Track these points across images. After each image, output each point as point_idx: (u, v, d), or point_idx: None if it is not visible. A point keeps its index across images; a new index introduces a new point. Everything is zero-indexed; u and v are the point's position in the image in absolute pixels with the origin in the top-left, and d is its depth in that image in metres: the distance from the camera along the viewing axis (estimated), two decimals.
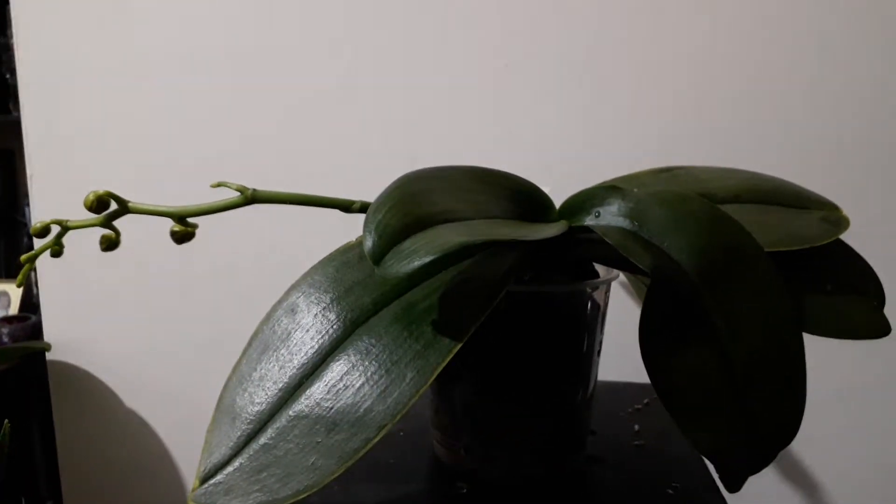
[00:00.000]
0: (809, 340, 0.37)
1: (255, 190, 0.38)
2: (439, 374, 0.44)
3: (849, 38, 0.68)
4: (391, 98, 0.73)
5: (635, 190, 0.39)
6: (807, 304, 0.38)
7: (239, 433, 0.33)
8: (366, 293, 0.34)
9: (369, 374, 0.32)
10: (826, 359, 0.72)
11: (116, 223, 0.39)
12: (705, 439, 0.35)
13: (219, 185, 0.39)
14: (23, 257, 0.38)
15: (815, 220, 0.40)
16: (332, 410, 0.31)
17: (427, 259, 0.29)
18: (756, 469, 0.36)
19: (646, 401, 0.55)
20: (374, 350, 0.32)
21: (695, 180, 0.41)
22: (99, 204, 0.38)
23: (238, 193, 0.38)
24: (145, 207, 0.39)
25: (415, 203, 0.32)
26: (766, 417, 0.35)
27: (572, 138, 0.72)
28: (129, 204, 0.39)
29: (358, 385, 0.31)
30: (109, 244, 0.40)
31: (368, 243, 0.30)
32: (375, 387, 0.31)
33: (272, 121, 0.76)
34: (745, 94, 0.70)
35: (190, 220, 0.40)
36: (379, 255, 0.30)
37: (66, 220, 0.39)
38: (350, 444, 0.30)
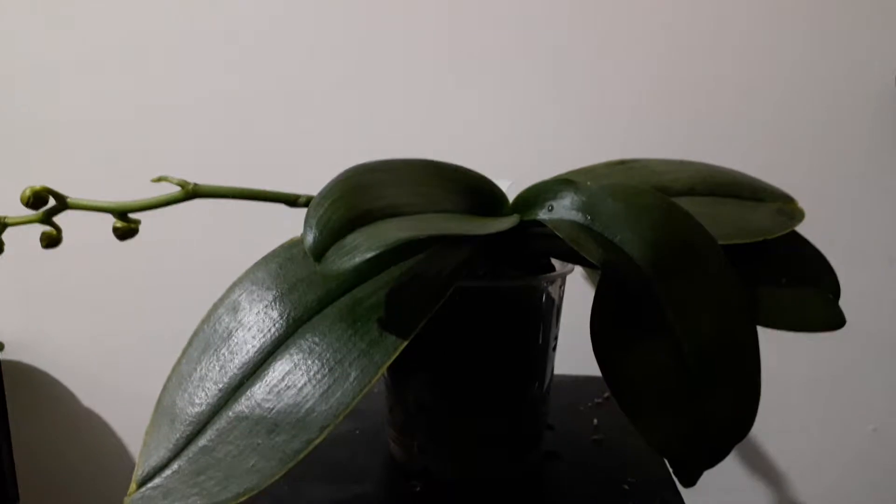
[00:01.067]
0: (774, 333, 0.37)
1: (196, 184, 0.36)
2: (393, 371, 0.43)
3: (806, 31, 0.69)
4: (348, 94, 0.72)
5: (588, 183, 0.39)
6: (761, 298, 0.38)
7: (178, 435, 0.31)
8: (310, 290, 0.33)
9: (312, 373, 0.31)
10: (791, 351, 0.73)
11: (65, 220, 0.38)
12: (658, 434, 0.34)
13: (159, 179, 0.38)
14: None
15: (770, 212, 0.39)
16: (274, 411, 0.30)
17: (369, 255, 0.28)
18: (711, 463, 0.36)
19: (606, 395, 0.55)
20: (317, 349, 0.31)
21: (650, 173, 0.41)
22: (36, 200, 0.37)
23: (179, 188, 0.36)
24: (85, 203, 0.38)
25: (359, 196, 0.31)
26: (720, 411, 0.35)
27: (533, 132, 0.71)
28: (69, 199, 0.37)
29: (300, 385, 0.31)
30: (50, 241, 0.38)
31: (309, 238, 0.29)
32: (318, 386, 0.30)
33: (223, 116, 0.74)
34: (705, 88, 0.70)
35: (133, 216, 0.38)
36: (320, 251, 0.29)
37: (5, 217, 0.37)
38: (291, 446, 0.29)
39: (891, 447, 0.76)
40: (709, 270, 0.35)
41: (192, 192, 0.36)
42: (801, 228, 0.40)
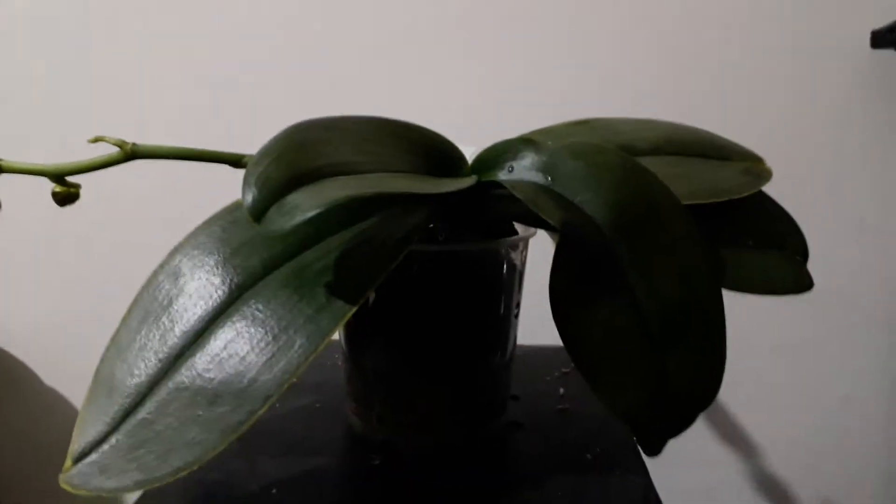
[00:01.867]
0: (745, 298, 0.36)
1: (134, 144, 0.34)
2: (350, 340, 0.42)
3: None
4: (312, 57, 0.70)
5: (549, 143, 0.37)
6: (727, 259, 0.37)
7: (116, 408, 0.30)
8: (254, 254, 0.32)
9: (255, 341, 0.29)
10: (761, 315, 0.73)
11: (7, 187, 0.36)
12: (619, 400, 0.34)
13: (97, 139, 0.35)
14: None
15: (736, 171, 0.38)
16: (215, 381, 0.29)
17: (311, 213, 0.26)
18: (675, 432, 0.35)
19: (573, 364, 0.54)
20: (260, 315, 0.30)
21: (613, 132, 0.39)
22: None
23: (118, 149, 0.34)
24: (18, 166, 0.36)
25: (302, 154, 0.30)
26: (684, 377, 0.34)
27: (495, 93, 0.70)
28: (2, 162, 0.35)
29: (243, 354, 0.29)
30: (67, 197, 0.36)
31: (248, 198, 0.27)
32: (261, 355, 0.29)
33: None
34: (673, 46, 0.69)
35: (72, 179, 0.36)
36: (260, 211, 0.27)
37: None
38: (233, 417, 0.28)
39: (861, 414, 0.75)
40: (672, 231, 0.34)
41: (130, 153, 0.34)
42: (772, 190, 0.39)
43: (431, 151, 0.36)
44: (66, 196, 0.37)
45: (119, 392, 0.30)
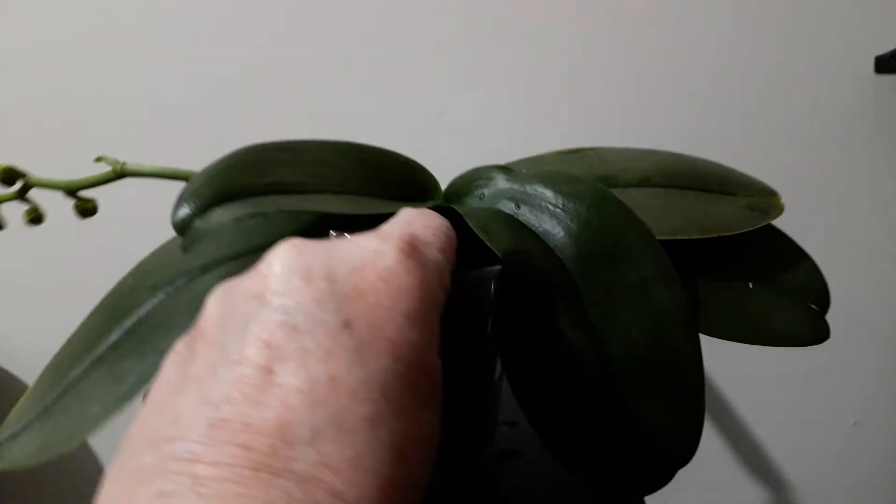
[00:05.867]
0: None
1: (124, 164, 0.37)
2: None
3: (785, 17, 0.66)
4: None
5: (524, 170, 0.35)
6: (714, 302, 0.33)
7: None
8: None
9: None
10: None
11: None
12: (578, 456, 0.30)
13: (99, 159, 0.38)
14: None
15: (739, 206, 0.34)
16: None
17: (222, 220, 0.27)
18: (649, 490, 0.32)
19: None
20: None
21: (601, 162, 0.37)
22: (6, 176, 0.38)
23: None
24: (45, 181, 0.39)
25: (241, 172, 0.30)
26: (656, 431, 0.31)
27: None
28: (30, 179, 0.39)
29: None
30: (35, 217, 0.40)
31: (177, 213, 0.28)
32: None
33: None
34: (684, 77, 0.67)
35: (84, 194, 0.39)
36: (184, 226, 0.28)
37: None
38: None
39: (872, 441, 0.74)
40: (642, 269, 0.31)
41: (120, 172, 0.37)
42: (783, 223, 0.35)
43: (398, 177, 0.35)
44: (85, 209, 0.40)
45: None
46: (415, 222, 0.25)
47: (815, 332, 0.32)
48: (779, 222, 0.34)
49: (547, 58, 0.68)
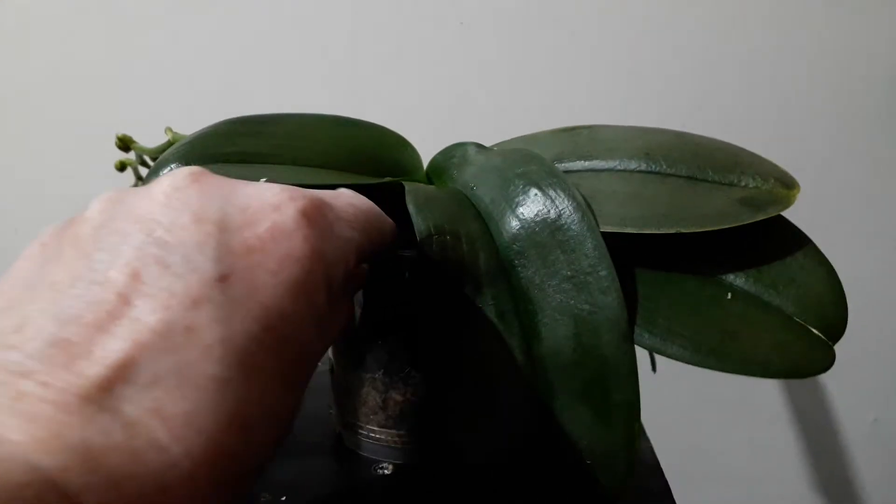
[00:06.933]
0: None
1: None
2: (340, 351, 0.40)
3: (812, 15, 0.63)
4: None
5: (494, 148, 0.33)
6: (671, 309, 0.28)
7: None
8: None
9: None
10: None
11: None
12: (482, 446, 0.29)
13: (121, 166, 0.43)
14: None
15: (730, 198, 0.29)
16: None
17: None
18: None
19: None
20: None
21: (591, 141, 0.33)
22: (123, 144, 0.46)
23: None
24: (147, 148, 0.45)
25: (210, 142, 0.33)
26: (580, 443, 0.28)
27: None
28: (135, 145, 0.46)
29: None
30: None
31: (148, 177, 0.32)
32: None
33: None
34: (708, 74, 0.64)
35: None
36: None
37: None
38: None
39: (892, 437, 0.74)
40: (577, 262, 0.28)
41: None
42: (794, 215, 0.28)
43: (376, 153, 0.35)
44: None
45: None
46: (341, 197, 0.24)
47: (804, 363, 0.26)
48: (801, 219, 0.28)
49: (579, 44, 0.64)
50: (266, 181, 0.22)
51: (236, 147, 0.33)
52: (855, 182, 0.68)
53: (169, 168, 0.31)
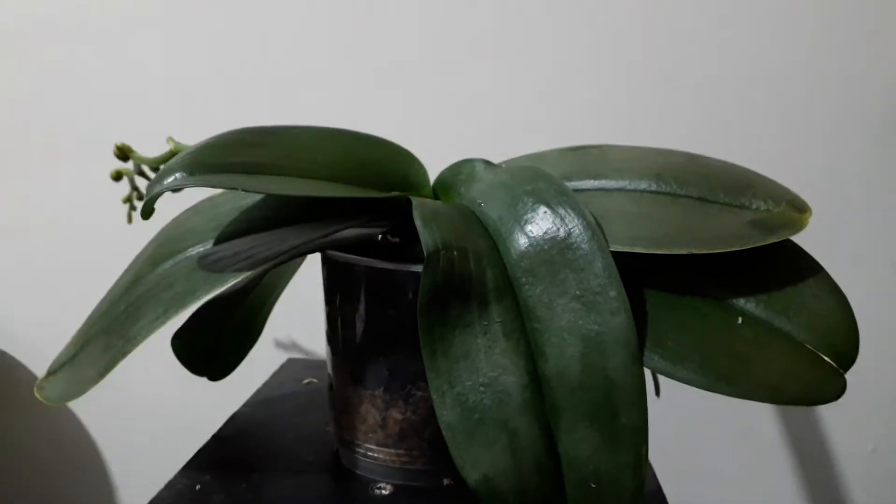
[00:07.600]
0: None
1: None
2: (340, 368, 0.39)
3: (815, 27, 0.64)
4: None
5: (503, 165, 0.33)
6: (681, 332, 0.27)
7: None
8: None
9: None
10: None
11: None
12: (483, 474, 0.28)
13: (117, 175, 0.42)
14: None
15: (740, 220, 0.28)
16: None
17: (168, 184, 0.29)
18: None
19: None
20: None
21: (600, 160, 0.32)
22: (122, 153, 0.46)
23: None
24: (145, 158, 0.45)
25: (216, 152, 0.32)
26: (583, 467, 0.27)
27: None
28: (134, 154, 0.45)
29: None
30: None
31: (161, 183, 0.31)
32: None
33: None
34: (710, 86, 0.65)
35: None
36: (155, 194, 0.31)
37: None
38: None
39: (890, 467, 0.74)
40: (587, 281, 0.27)
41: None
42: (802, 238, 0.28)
43: (383, 167, 0.35)
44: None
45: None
46: None
47: (816, 390, 0.26)
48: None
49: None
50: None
51: (242, 157, 0.33)
52: (853, 205, 0.67)
53: (173, 177, 0.31)
